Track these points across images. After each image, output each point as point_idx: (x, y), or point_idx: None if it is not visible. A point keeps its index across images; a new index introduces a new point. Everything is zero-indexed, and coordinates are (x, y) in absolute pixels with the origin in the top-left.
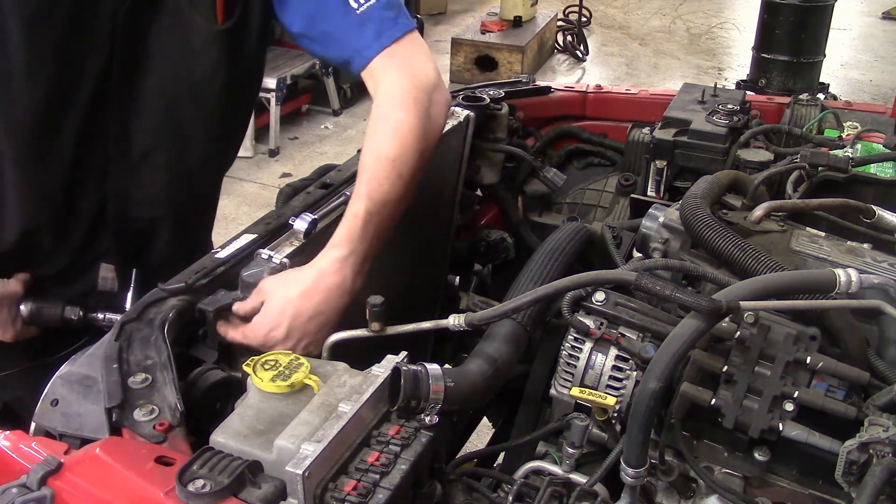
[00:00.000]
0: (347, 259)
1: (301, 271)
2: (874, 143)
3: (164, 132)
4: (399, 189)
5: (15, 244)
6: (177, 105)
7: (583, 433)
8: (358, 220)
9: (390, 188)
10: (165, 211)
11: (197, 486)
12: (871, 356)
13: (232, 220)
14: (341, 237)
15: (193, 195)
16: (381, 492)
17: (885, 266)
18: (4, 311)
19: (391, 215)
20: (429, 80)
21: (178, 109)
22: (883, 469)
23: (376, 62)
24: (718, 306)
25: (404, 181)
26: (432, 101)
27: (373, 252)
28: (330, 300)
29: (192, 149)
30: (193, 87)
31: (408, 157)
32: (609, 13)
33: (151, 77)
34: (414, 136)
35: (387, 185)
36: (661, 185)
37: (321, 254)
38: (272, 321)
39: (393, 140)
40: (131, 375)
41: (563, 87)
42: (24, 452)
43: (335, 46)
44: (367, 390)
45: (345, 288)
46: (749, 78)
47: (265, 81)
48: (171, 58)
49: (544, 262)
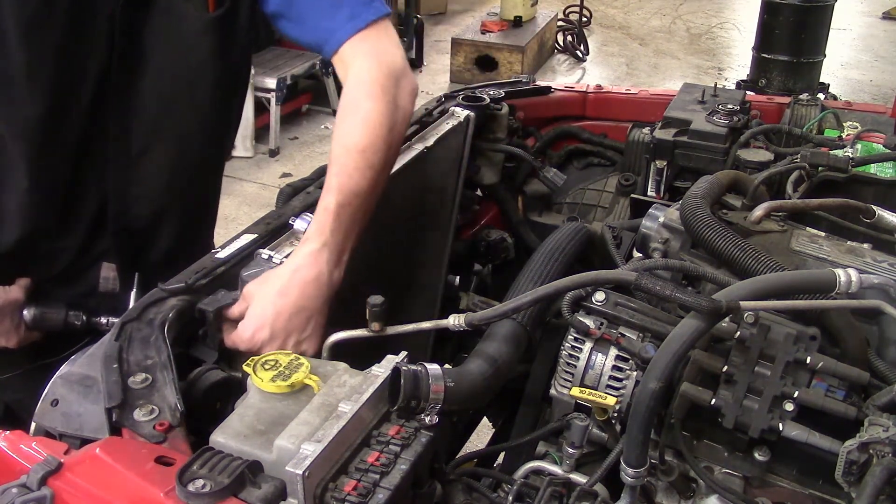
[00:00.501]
0: (321, 252)
1: (277, 270)
2: (874, 143)
3: (162, 129)
4: (370, 179)
5: (16, 245)
6: (173, 101)
7: (583, 433)
8: (329, 213)
9: (360, 179)
10: (165, 209)
11: (197, 486)
12: (871, 356)
13: (232, 220)
14: (313, 231)
15: (193, 193)
16: (381, 492)
17: (885, 266)
18: (7, 320)
19: (363, 206)
20: (397, 67)
21: (175, 105)
22: (883, 469)
23: (347, 47)
24: (718, 306)
25: (375, 171)
26: (399, 88)
27: (349, 243)
28: (308, 294)
29: (190, 145)
30: (188, 81)
31: (377, 147)
32: (609, 13)
33: (149, 74)
34: (383, 125)
35: (357, 176)
36: (661, 185)
37: (295, 250)
38: (255, 323)
39: (362, 130)
40: (131, 375)
41: (563, 87)
42: (24, 452)
43: (309, 27)
44: (367, 390)
45: (322, 280)
46: (749, 78)
47: (265, 81)
48: (167, 52)
49: (544, 262)
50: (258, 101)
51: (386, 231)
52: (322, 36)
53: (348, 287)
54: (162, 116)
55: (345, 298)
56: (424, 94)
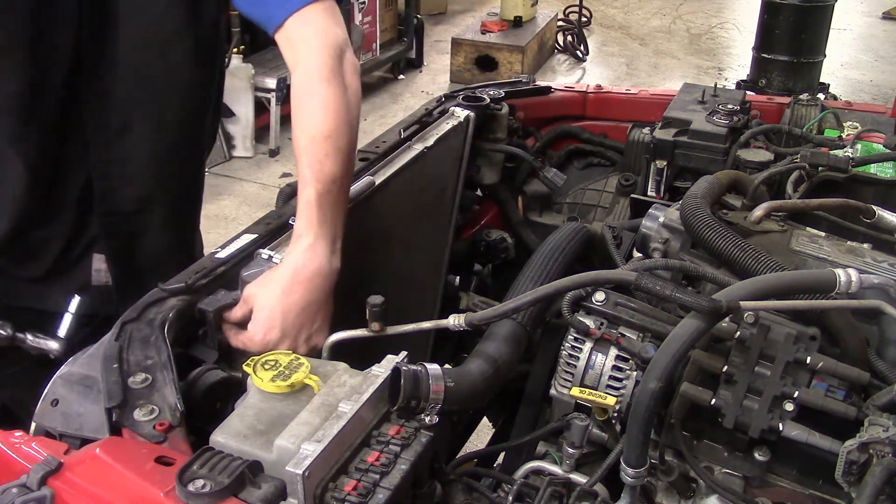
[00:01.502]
0: (315, 245)
1: (276, 270)
2: (874, 143)
3: (140, 104)
4: (341, 163)
5: (8, 235)
6: (148, 74)
7: (583, 433)
8: (312, 205)
9: (332, 165)
10: (150, 197)
11: (197, 486)
12: (871, 356)
13: (232, 220)
14: (302, 227)
15: (175, 182)
16: (381, 492)
17: (885, 266)
18: None
19: (341, 191)
20: (341, 46)
21: (150, 79)
22: (883, 469)
23: (294, 26)
24: (718, 306)
25: (343, 154)
26: (345, 69)
27: (338, 229)
28: (313, 288)
29: (168, 123)
30: (161, 53)
31: (342, 131)
32: (609, 13)
33: (121, 46)
34: (341, 107)
35: (328, 163)
36: (661, 185)
37: (289, 248)
38: (265, 325)
39: (324, 116)
40: (131, 375)
41: (563, 87)
42: (24, 452)
43: (257, 1)
44: (367, 390)
45: (323, 272)
46: (749, 78)
47: (265, 81)
48: (137, 24)
49: (544, 262)
50: (258, 101)
51: (386, 231)
52: (268, 12)
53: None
54: (138, 91)
55: (345, 298)
56: (424, 95)
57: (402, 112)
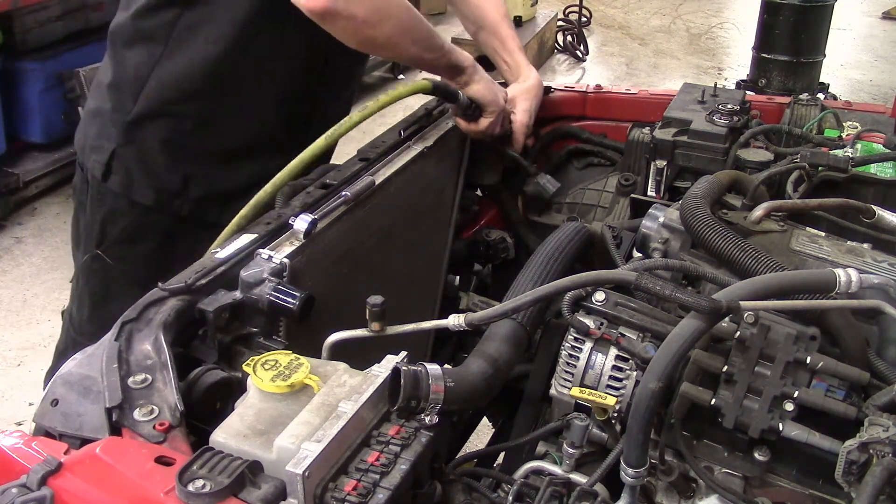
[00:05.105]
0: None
1: (532, 79)
2: (874, 143)
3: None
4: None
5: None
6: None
7: (583, 433)
8: (523, 51)
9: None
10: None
11: (197, 486)
12: (871, 356)
13: None
14: (523, 63)
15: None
16: (381, 492)
17: (885, 266)
18: None
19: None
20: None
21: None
22: (883, 469)
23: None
24: (718, 306)
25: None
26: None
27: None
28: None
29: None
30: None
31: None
32: (609, 13)
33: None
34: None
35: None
36: (661, 185)
37: (525, 74)
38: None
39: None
40: (131, 375)
41: (563, 87)
42: (24, 452)
43: None
44: (367, 390)
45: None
46: (749, 78)
47: None
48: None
49: (544, 262)
50: None
51: (386, 231)
52: None
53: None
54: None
55: (345, 298)
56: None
57: (402, 112)
